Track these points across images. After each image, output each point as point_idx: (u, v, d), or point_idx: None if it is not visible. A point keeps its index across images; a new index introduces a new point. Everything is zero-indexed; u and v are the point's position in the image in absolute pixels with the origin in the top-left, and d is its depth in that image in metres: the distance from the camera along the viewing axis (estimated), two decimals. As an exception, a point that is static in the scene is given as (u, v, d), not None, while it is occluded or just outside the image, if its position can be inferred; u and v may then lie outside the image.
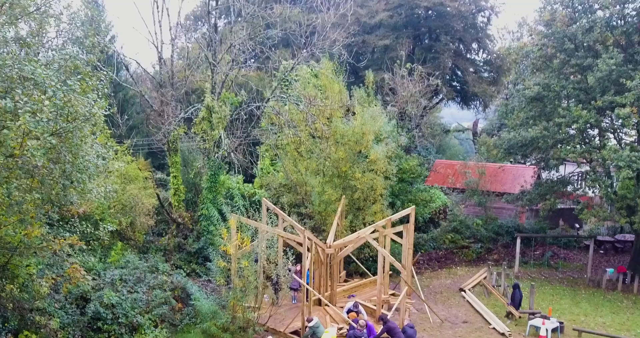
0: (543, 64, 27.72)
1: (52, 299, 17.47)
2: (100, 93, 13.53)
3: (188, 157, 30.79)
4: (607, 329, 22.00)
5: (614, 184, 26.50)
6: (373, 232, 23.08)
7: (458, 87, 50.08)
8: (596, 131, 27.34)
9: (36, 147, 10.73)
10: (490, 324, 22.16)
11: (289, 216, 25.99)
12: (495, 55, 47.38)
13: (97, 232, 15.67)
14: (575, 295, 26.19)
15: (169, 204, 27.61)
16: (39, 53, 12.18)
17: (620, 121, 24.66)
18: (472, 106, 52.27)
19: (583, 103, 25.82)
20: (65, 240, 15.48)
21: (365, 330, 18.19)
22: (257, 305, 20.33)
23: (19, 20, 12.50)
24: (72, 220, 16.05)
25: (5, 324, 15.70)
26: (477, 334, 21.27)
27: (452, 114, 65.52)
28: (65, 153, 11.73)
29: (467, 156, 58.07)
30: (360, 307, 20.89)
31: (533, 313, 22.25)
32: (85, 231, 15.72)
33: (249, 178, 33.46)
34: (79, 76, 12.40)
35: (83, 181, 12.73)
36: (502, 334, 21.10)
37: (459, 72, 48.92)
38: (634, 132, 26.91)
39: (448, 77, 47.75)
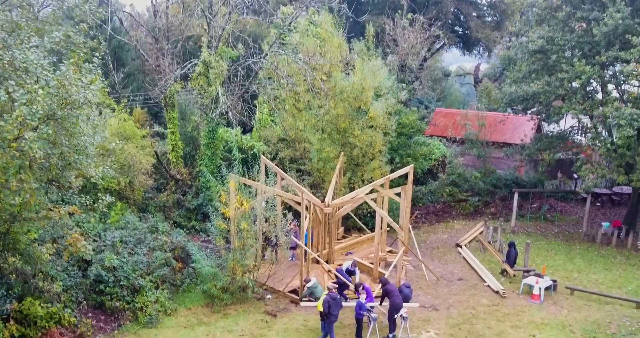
0: (548, 15, 26.95)
1: (53, 262, 17.65)
2: (93, 66, 13.18)
3: (185, 110, 30.41)
4: (600, 286, 22.42)
5: (614, 141, 26.34)
6: (371, 192, 23.15)
7: (460, 33, 48.86)
8: (599, 86, 26.87)
9: (33, 139, 10.54)
10: (485, 282, 22.60)
11: (288, 172, 26.05)
12: (500, -2, 45.97)
13: (96, 205, 15.65)
14: (570, 251, 26.53)
15: (167, 161, 27.52)
16: (29, 36, 11.66)
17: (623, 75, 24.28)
18: (475, 51, 51.20)
19: (587, 57, 25.28)
20: (64, 209, 15.48)
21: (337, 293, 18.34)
22: (255, 264, 20.65)
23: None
24: (71, 190, 15.99)
25: (10, 291, 15.97)
26: (472, 292, 21.72)
27: (454, 56, 64.19)
28: (62, 136, 11.54)
29: (468, 100, 57.43)
30: (356, 268, 21.25)
31: (527, 271, 22.51)
32: (85, 203, 15.71)
33: (248, 130, 33.18)
34: (70, 60, 12.02)
35: (81, 162, 12.61)
36: (497, 292, 21.53)
37: (462, 17, 47.59)
38: (637, 88, 26.49)
39: (450, 22, 46.53)
